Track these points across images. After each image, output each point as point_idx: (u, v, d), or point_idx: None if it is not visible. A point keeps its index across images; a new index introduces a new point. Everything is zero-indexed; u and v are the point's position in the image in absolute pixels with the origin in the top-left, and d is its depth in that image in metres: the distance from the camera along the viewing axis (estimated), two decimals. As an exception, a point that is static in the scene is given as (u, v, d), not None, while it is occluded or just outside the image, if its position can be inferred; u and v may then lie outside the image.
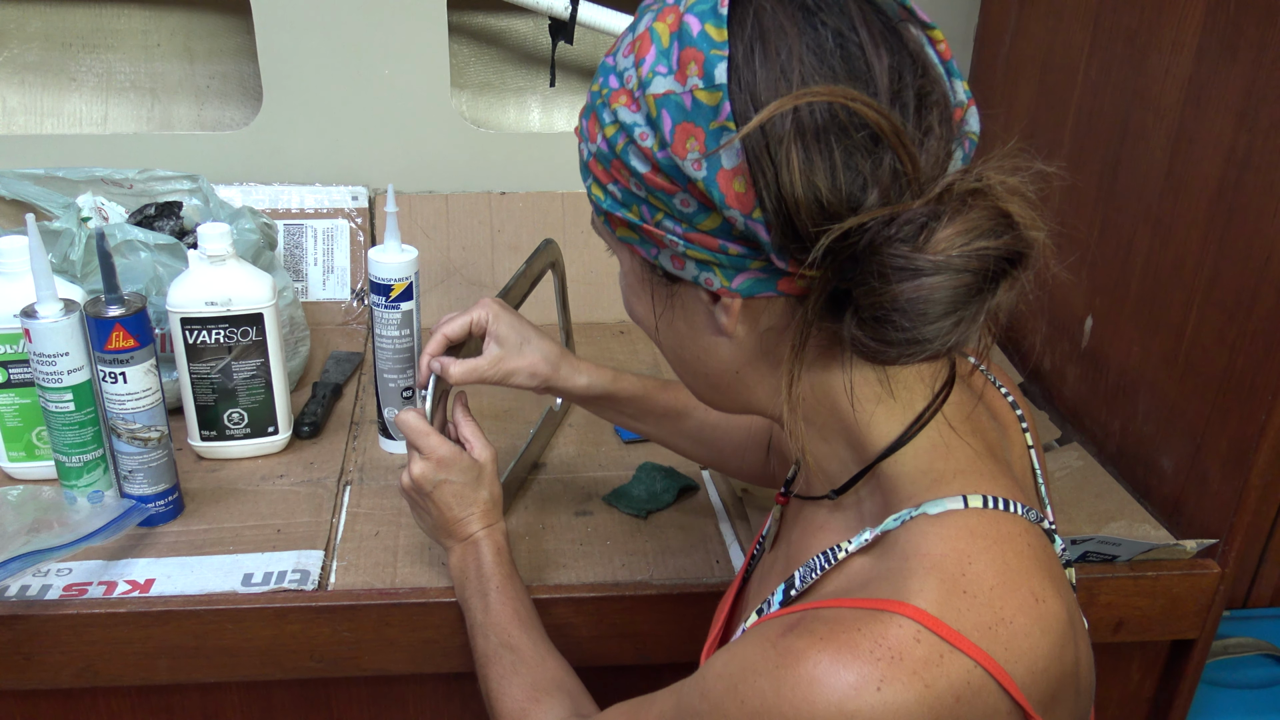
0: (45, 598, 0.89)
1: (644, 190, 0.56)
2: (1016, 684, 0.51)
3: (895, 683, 0.49)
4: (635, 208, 0.57)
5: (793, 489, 0.73)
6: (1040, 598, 0.53)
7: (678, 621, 0.95)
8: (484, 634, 0.84)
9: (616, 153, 0.56)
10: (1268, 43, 0.92)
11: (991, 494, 0.57)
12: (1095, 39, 1.18)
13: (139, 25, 1.50)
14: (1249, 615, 1.32)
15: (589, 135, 0.59)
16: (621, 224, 0.59)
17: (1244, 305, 0.95)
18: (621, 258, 0.64)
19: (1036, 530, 0.57)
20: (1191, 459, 1.03)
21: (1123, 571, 0.98)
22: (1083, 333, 1.22)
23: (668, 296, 0.61)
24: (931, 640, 0.50)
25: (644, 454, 1.16)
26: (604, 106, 0.57)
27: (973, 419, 0.62)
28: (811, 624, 0.52)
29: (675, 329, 0.63)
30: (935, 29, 0.56)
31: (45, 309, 0.91)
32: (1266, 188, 0.92)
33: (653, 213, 0.56)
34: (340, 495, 1.06)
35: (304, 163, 1.47)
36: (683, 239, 0.56)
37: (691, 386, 0.67)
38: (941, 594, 0.52)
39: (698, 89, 0.52)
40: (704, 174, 0.53)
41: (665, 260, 0.58)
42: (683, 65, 0.53)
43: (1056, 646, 0.53)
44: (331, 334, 1.42)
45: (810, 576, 0.60)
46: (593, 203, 0.61)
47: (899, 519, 0.57)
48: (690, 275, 0.57)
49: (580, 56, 1.60)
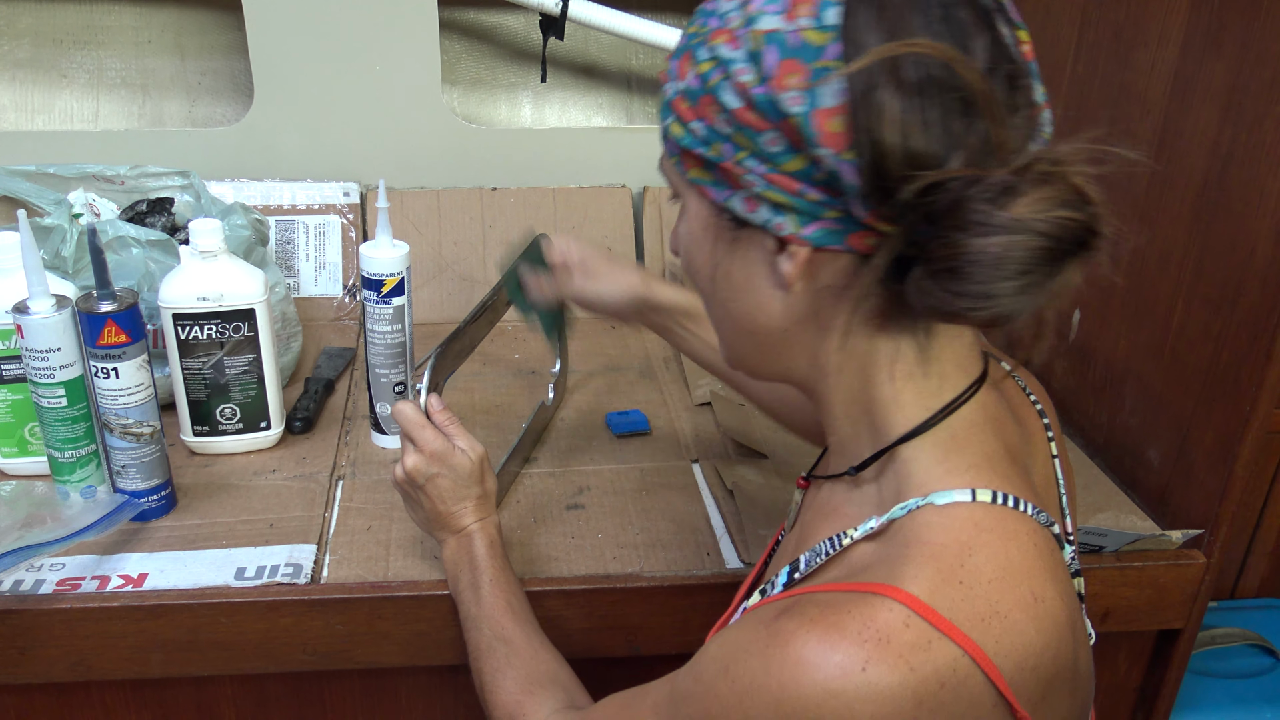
0: (39, 592, 0.89)
1: (731, 127, 0.56)
2: (1005, 678, 0.51)
3: (881, 664, 0.49)
4: (716, 145, 0.57)
5: (815, 472, 0.73)
6: (1039, 598, 0.53)
7: (669, 613, 0.95)
8: (477, 627, 0.84)
9: (709, 88, 0.57)
10: (1251, 37, 0.93)
11: (1002, 490, 0.57)
12: (1082, 34, 1.18)
13: (130, 22, 1.50)
14: (1236, 606, 1.33)
15: (677, 74, 0.59)
16: (697, 164, 0.59)
17: (1229, 298, 0.96)
18: (688, 202, 0.63)
19: (1045, 533, 0.57)
20: (1178, 451, 1.04)
21: (1109, 562, 0.99)
22: (1070, 326, 1.23)
23: (730, 243, 0.61)
24: (921, 626, 0.50)
25: (635, 448, 1.17)
26: (701, 45, 0.57)
27: (997, 421, 0.62)
28: (804, 607, 0.53)
29: (731, 280, 0.62)
30: (1023, 29, 0.58)
31: (37, 305, 0.92)
32: (1251, 181, 0.93)
33: (735, 151, 0.57)
34: (333, 490, 1.06)
35: (295, 159, 1.48)
36: (762, 179, 0.56)
37: (731, 346, 0.67)
38: (936, 582, 0.52)
39: (807, 29, 0.53)
40: (802, 109, 0.53)
41: (737, 203, 0.58)
42: (794, 5, 0.54)
43: (1051, 646, 0.53)
44: (323, 329, 1.42)
45: (815, 561, 0.61)
46: (670, 141, 0.61)
47: (905, 508, 0.57)
48: (761, 219, 0.57)
49: (571, 52, 1.61)
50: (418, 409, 0.89)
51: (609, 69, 1.64)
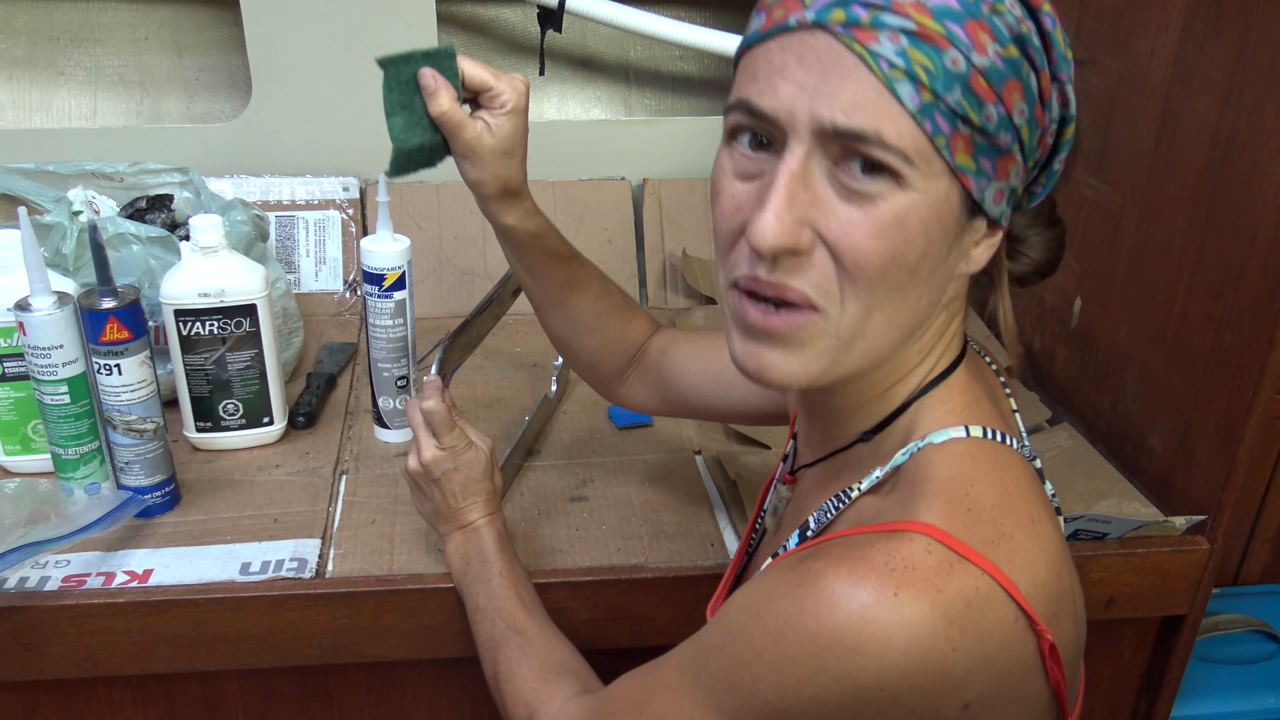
0: (44, 589, 0.89)
1: (1026, 120, 0.56)
2: (1022, 593, 0.54)
3: (910, 589, 0.52)
4: (1005, 134, 0.55)
5: (799, 465, 0.74)
6: (1036, 520, 0.57)
7: (673, 604, 0.96)
8: (489, 618, 0.84)
9: (1016, 74, 0.54)
10: (1251, 22, 0.92)
11: (991, 426, 0.61)
12: (1082, 20, 1.18)
13: (126, 19, 1.50)
14: (1239, 592, 1.33)
15: (972, 43, 0.53)
16: (969, 149, 0.54)
17: (1230, 284, 0.96)
18: (928, 190, 0.54)
19: (1029, 466, 0.62)
20: (1180, 437, 1.04)
21: (1113, 549, 0.99)
22: (1072, 313, 1.23)
23: (956, 234, 0.57)
24: (941, 551, 0.53)
25: (638, 440, 1.17)
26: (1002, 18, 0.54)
27: (976, 368, 0.68)
28: (829, 548, 0.56)
29: (935, 272, 0.58)
30: None
31: (39, 302, 0.92)
32: (1251, 166, 0.93)
33: (1015, 142, 0.56)
34: (336, 484, 1.07)
35: (294, 154, 1.47)
36: (1019, 173, 0.58)
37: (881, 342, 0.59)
38: (947, 511, 0.55)
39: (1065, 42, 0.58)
40: (1073, 114, 0.59)
41: (990, 192, 0.56)
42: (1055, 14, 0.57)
43: (1055, 564, 0.57)
44: (324, 324, 1.42)
45: (824, 518, 0.64)
46: (951, 116, 0.53)
47: (907, 452, 0.61)
48: (998, 212, 0.58)
49: (569, 45, 1.60)
50: (448, 410, 0.89)
51: (607, 61, 1.63)
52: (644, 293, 1.52)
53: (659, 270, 1.52)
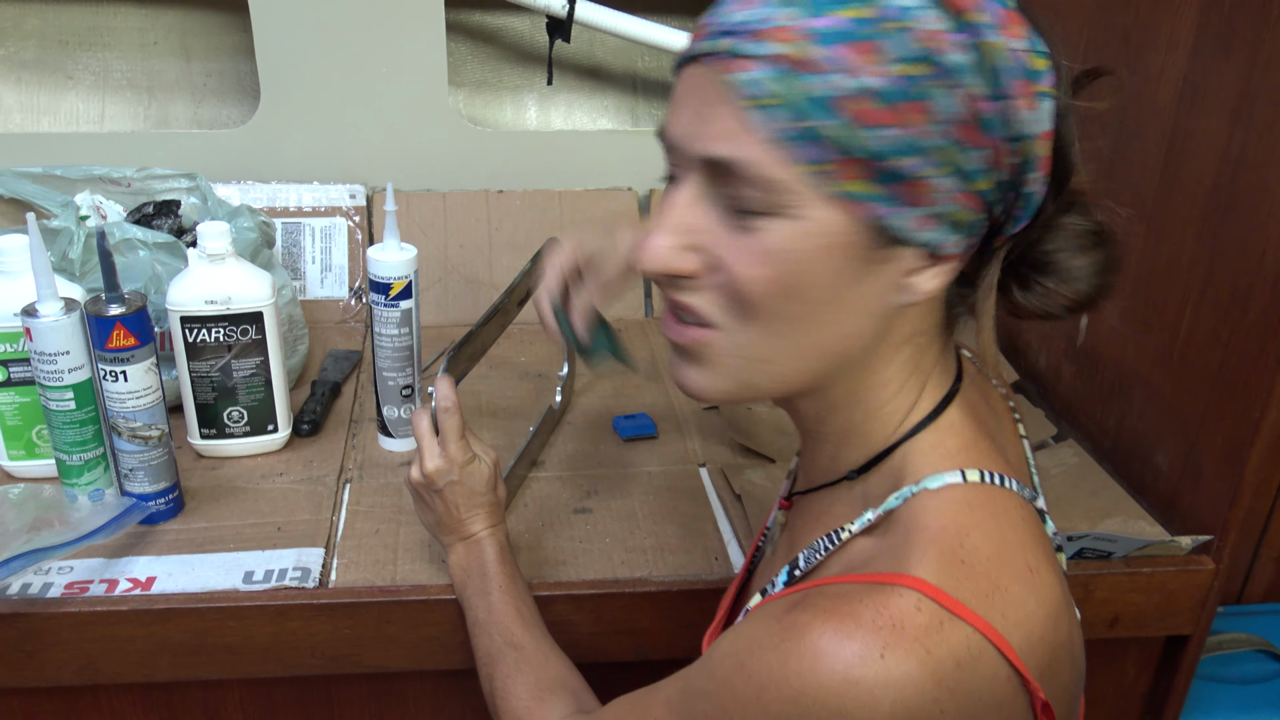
0: (47, 595, 0.89)
1: (942, 139, 0.51)
2: (1015, 650, 0.52)
3: (898, 650, 0.50)
4: (911, 157, 0.51)
5: (794, 490, 0.73)
6: (1034, 569, 0.55)
7: (677, 618, 0.95)
8: (487, 633, 0.84)
9: (919, 93, 0.50)
10: (1262, 40, 0.92)
11: (988, 470, 0.59)
12: (1091, 37, 1.18)
13: (135, 23, 1.50)
14: (1243, 611, 1.32)
15: (847, 66, 0.50)
16: (864, 174, 0.52)
17: (1238, 303, 0.96)
18: (813, 218, 0.53)
19: (1030, 508, 0.60)
20: (1186, 456, 1.04)
21: (1118, 568, 0.99)
22: (1078, 330, 1.23)
23: (864, 261, 0.54)
24: (931, 608, 0.52)
25: (643, 452, 1.16)
26: (901, 36, 0.50)
27: (974, 407, 0.64)
28: (815, 599, 0.54)
29: (841, 301, 0.56)
30: None
31: (46, 308, 0.92)
32: (1261, 186, 0.93)
33: (932, 165, 0.52)
34: (340, 493, 1.06)
35: (301, 161, 1.48)
36: (950, 197, 0.53)
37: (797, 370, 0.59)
38: (940, 564, 0.53)
39: (1026, 51, 0.53)
40: (1032, 132, 0.54)
41: (905, 220, 0.53)
42: (1006, 24, 0.53)
43: (1051, 617, 0.55)
44: (329, 332, 1.42)
45: (814, 558, 0.62)
46: (822, 146, 0.51)
47: (900, 496, 0.59)
48: (926, 238, 0.54)
49: (577, 55, 1.61)
50: (461, 421, 0.88)
51: (615, 71, 1.64)
52: (649, 303, 1.52)
53: (664, 281, 1.52)
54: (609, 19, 1.45)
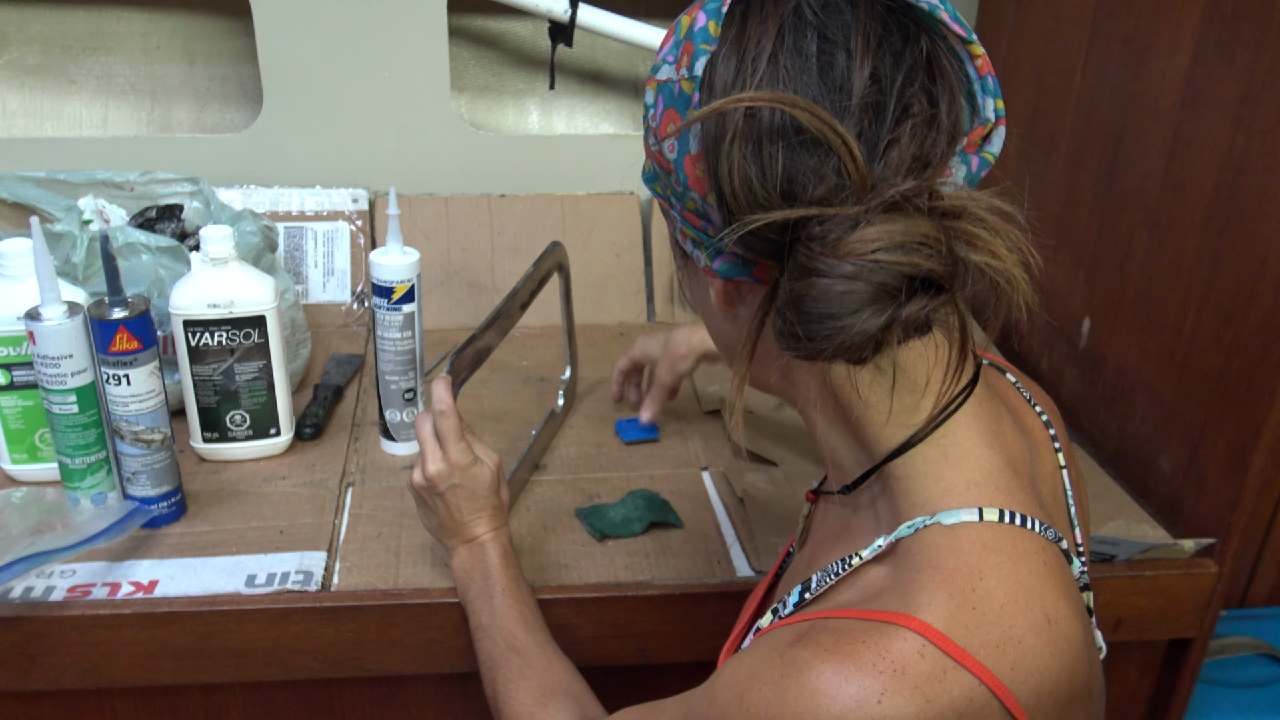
0: (49, 599, 0.89)
1: (656, 166, 0.60)
2: (1021, 705, 0.51)
3: (896, 696, 0.49)
4: (655, 183, 0.62)
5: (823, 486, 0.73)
6: (1053, 619, 0.53)
7: (679, 621, 0.95)
8: (490, 637, 0.84)
9: (645, 130, 0.60)
10: (1264, 45, 0.92)
11: (1008, 508, 0.56)
12: (1092, 41, 1.18)
13: (138, 28, 1.50)
14: (1246, 615, 1.32)
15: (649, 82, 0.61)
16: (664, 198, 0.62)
17: (1241, 307, 0.96)
18: None
19: (1054, 549, 0.57)
20: (1189, 459, 1.04)
21: (1121, 571, 0.99)
22: (1080, 334, 1.23)
23: (684, 269, 0.65)
24: (935, 655, 0.50)
25: (645, 456, 1.16)
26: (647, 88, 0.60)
27: (998, 433, 0.60)
28: (819, 634, 0.53)
29: (697, 299, 0.66)
30: (972, 43, 0.56)
31: (49, 311, 0.92)
32: (1263, 190, 0.93)
33: (664, 189, 0.60)
34: (342, 496, 1.06)
35: (304, 165, 1.48)
36: (680, 215, 0.60)
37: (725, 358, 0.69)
38: (950, 609, 0.51)
39: (684, 79, 0.56)
40: (675, 157, 0.57)
41: (676, 234, 0.62)
42: (681, 56, 0.56)
43: (1067, 670, 0.53)
44: (332, 336, 1.42)
45: (826, 581, 0.60)
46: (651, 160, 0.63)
47: (912, 526, 0.56)
48: (690, 251, 0.61)
49: (579, 59, 1.61)
50: (460, 423, 0.89)
51: (617, 76, 1.64)
52: (651, 307, 1.52)
53: (666, 285, 1.52)
54: (611, 24, 1.46)
